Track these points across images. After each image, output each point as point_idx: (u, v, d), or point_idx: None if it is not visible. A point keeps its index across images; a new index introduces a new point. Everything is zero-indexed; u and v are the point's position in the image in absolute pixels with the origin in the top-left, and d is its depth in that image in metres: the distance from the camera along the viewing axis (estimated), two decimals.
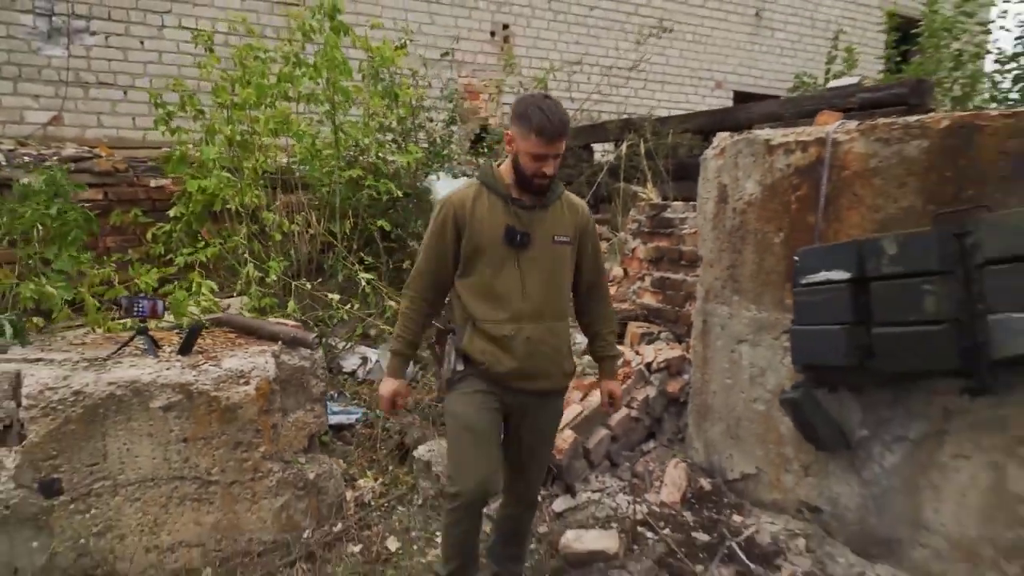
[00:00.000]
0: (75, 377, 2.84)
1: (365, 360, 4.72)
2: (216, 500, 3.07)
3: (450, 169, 5.54)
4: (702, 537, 3.21)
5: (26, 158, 5.18)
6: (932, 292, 2.45)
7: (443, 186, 5.26)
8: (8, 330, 3.02)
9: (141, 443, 2.91)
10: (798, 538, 3.16)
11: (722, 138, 3.60)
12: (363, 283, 4.43)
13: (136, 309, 3.12)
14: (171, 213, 4.71)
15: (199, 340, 3.31)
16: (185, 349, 3.16)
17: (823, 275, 2.82)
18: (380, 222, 4.72)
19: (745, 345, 3.46)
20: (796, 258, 2.98)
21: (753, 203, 3.40)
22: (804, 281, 2.90)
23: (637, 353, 3.97)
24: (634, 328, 4.29)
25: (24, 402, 2.76)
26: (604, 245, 5.48)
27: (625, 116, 6.94)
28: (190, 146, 4.68)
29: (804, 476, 3.24)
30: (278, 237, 4.50)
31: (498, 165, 2.50)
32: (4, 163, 5.16)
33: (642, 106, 8.82)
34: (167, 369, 3.02)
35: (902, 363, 2.56)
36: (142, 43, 6.44)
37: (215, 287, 4.06)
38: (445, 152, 5.55)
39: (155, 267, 4.19)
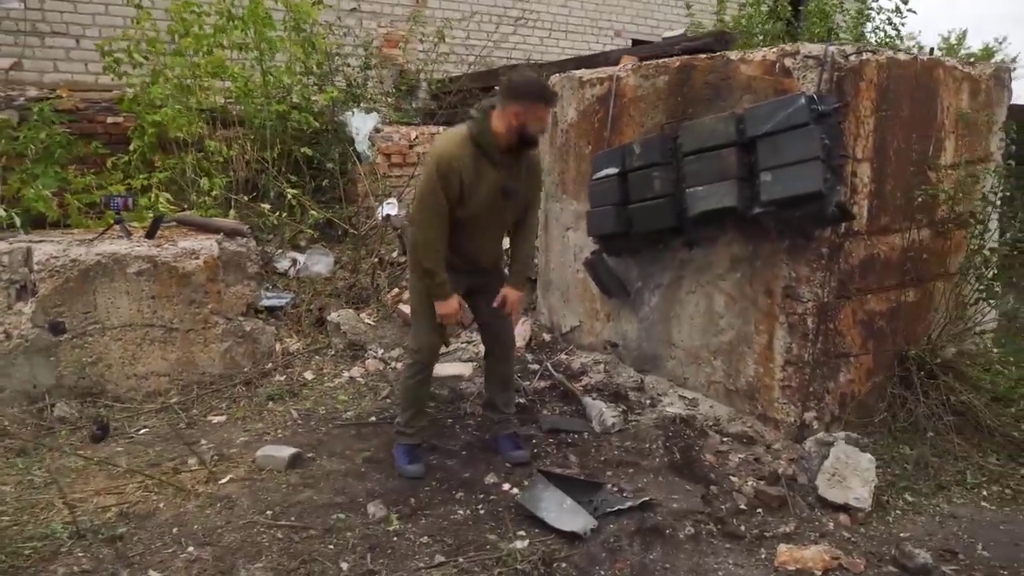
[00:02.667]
0: (71, 250, 3.95)
1: (295, 261, 5.86)
2: (177, 342, 4.22)
3: (365, 107, 6.62)
4: (533, 367, 4.50)
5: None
6: (658, 177, 3.70)
7: (358, 121, 6.35)
8: (18, 220, 4.10)
9: (121, 298, 4.04)
10: (600, 364, 4.46)
11: (554, 78, 4.79)
12: (289, 197, 5.55)
13: (112, 204, 4.20)
14: (131, 146, 5.73)
15: (160, 230, 4.41)
16: (151, 234, 4.26)
17: (604, 172, 4.05)
18: (303, 149, 5.81)
19: (571, 231, 4.71)
20: (593, 161, 4.21)
21: (573, 125, 4.61)
22: (595, 177, 4.13)
23: None
24: None
25: (35, 267, 3.86)
26: None
27: (513, 63, 8.06)
28: (137, 88, 5.66)
29: (607, 322, 4.53)
30: (220, 160, 5.57)
31: (488, 127, 3.08)
32: None
33: (548, 54, 9.92)
34: (138, 247, 4.13)
35: (646, 226, 3.82)
36: None
37: (171, 198, 5.15)
38: (359, 92, 6.63)
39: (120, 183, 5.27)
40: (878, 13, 6.21)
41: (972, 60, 4.21)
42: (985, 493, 3.23)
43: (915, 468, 3.34)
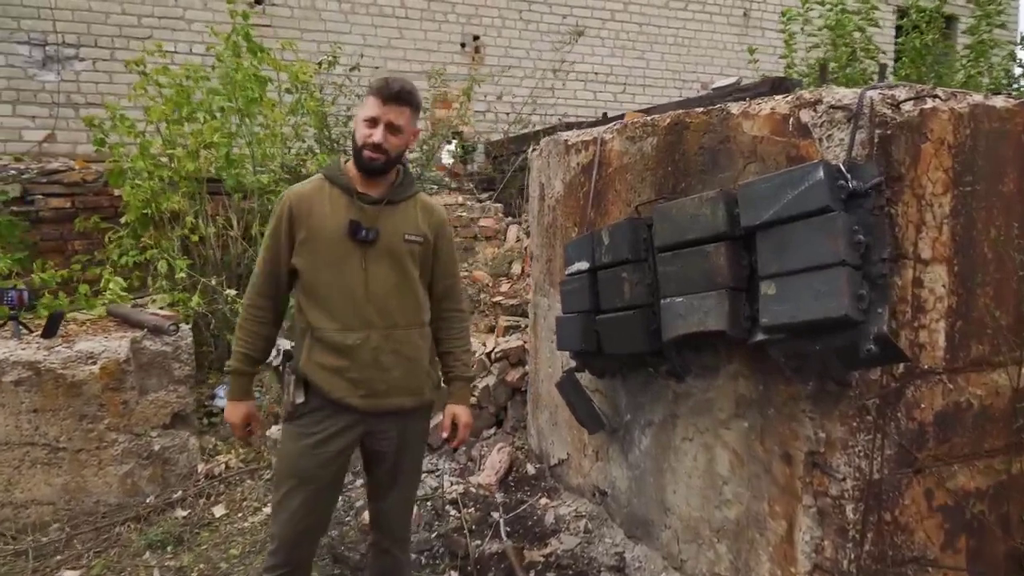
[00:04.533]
0: None
1: (278, 350, 5.12)
2: (64, 464, 3.51)
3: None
4: (493, 516, 3.42)
5: (12, 171, 5.93)
6: (626, 279, 2.61)
7: None
8: None
9: None
10: (582, 520, 3.32)
11: (544, 141, 3.81)
12: None
13: (6, 298, 3.61)
14: (122, 220, 5.29)
15: (63, 325, 3.78)
16: (48, 333, 3.63)
17: (576, 266, 3.00)
18: None
19: None
20: (564, 251, 3.17)
21: (560, 200, 3.59)
22: (568, 271, 3.09)
23: (483, 344, 4.20)
24: (502, 322, 4.52)
25: None
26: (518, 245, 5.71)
27: (581, 120, 7.13)
28: (122, 160, 5.23)
29: (596, 461, 3.39)
30: (195, 239, 4.97)
31: (346, 162, 2.29)
32: None
33: (621, 110, 8.93)
34: (22, 349, 3.49)
35: (615, 346, 2.73)
36: (126, 67, 7.13)
37: (123, 283, 4.57)
38: None
39: (106, 267, 4.82)
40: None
41: None
42: None
43: None
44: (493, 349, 4.09)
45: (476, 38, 8.61)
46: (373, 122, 2.15)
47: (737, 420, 2.54)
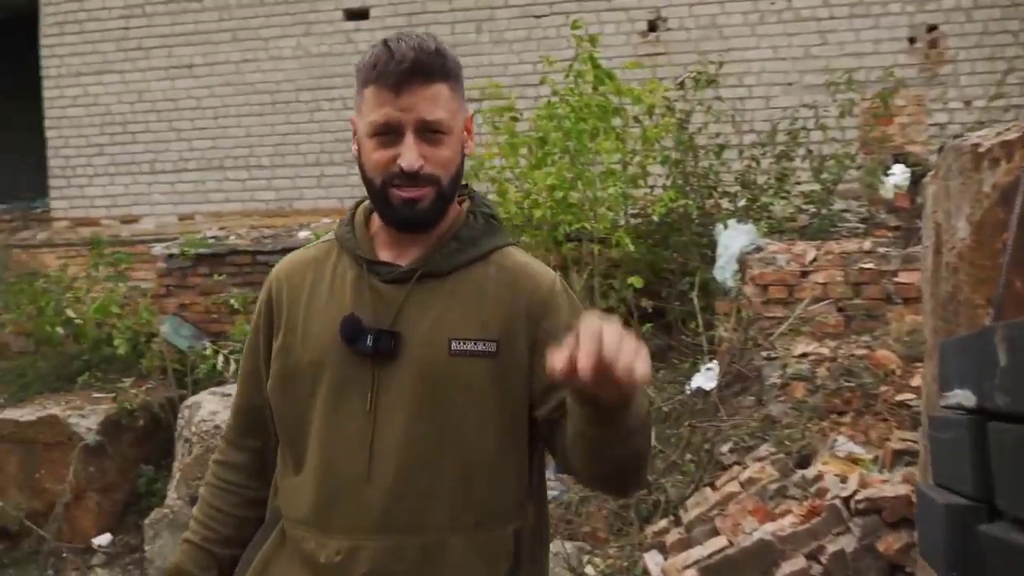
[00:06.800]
0: None
1: None
2: None
3: (756, 215, 4.62)
4: None
5: None
6: None
7: (728, 236, 4.41)
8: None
9: None
10: None
11: (945, 149, 2.19)
12: None
13: None
14: None
15: None
16: None
17: (954, 393, 1.48)
18: (630, 280, 4.22)
19: None
20: (939, 352, 1.63)
21: (964, 254, 1.96)
22: (943, 399, 1.56)
23: (842, 481, 2.61)
24: (894, 441, 2.84)
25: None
26: None
27: None
28: None
29: None
30: None
31: (371, 212, 1.32)
32: None
33: None
34: None
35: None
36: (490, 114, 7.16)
37: None
38: (762, 197, 4.62)
39: None
40: None
41: None
42: None
43: None
44: (854, 494, 2.51)
45: (932, 28, 6.50)
46: (388, 132, 1.15)
47: None
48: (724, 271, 4.25)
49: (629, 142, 4.45)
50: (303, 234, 6.54)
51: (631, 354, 0.88)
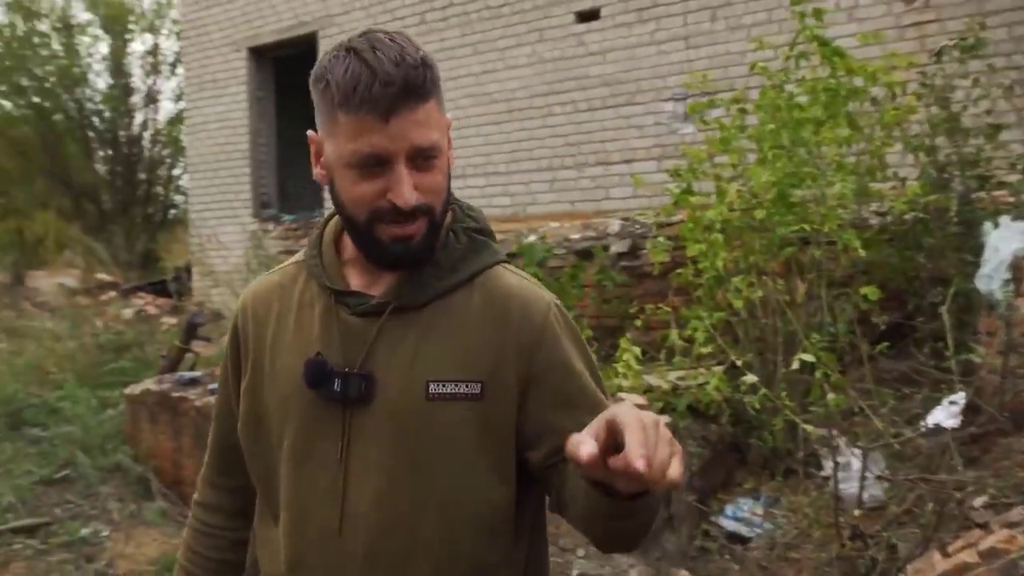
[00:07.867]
0: None
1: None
2: None
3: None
4: None
5: (632, 227, 6.24)
6: None
7: (998, 237, 3.58)
8: None
9: None
10: None
11: None
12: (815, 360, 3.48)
13: None
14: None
15: None
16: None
17: None
18: (864, 290, 3.60)
19: None
20: None
21: None
22: None
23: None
24: None
25: None
26: None
27: None
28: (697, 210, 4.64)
29: None
30: (738, 304, 4.01)
31: (341, 230, 1.16)
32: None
33: None
34: None
35: None
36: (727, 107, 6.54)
37: (638, 354, 3.99)
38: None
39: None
40: None
41: None
42: None
43: None
44: None
45: None
46: (379, 164, 0.99)
47: None
48: (991, 280, 3.43)
49: (865, 129, 3.78)
50: (531, 238, 6.65)
51: (667, 454, 0.76)
